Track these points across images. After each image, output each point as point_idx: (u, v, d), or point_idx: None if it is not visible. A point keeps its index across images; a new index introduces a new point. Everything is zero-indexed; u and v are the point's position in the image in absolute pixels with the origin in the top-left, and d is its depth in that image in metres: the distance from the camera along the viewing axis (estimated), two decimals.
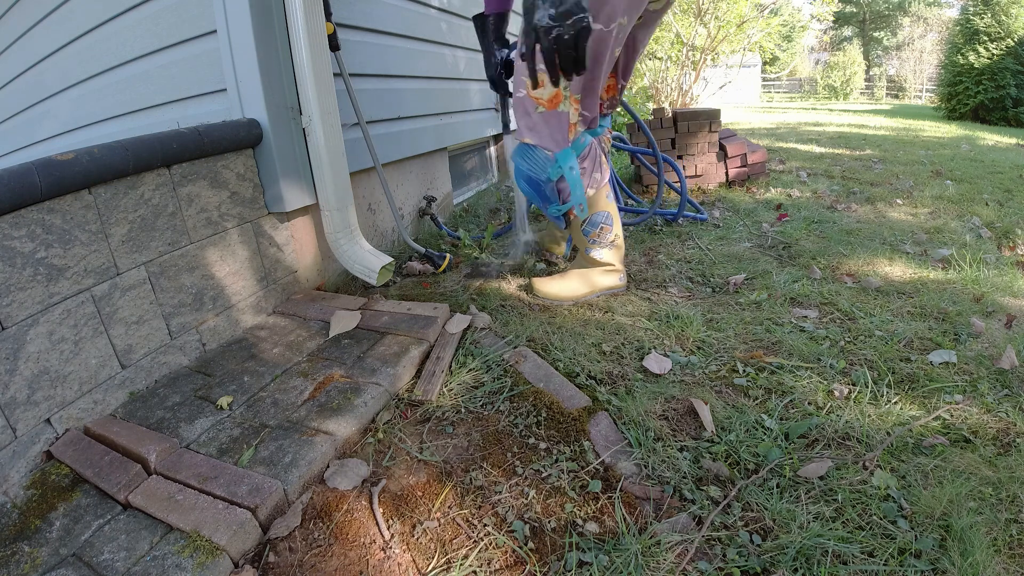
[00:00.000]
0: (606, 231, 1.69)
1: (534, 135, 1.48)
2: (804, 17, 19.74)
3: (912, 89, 24.15)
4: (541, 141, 1.48)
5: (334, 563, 0.90)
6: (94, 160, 1.15)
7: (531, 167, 1.53)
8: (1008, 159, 4.43)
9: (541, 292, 1.73)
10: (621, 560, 0.88)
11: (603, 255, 1.72)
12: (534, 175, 1.53)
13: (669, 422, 1.20)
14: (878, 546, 0.89)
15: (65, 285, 1.13)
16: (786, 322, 1.60)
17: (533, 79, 1.18)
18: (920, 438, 1.12)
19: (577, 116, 1.48)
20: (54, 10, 2.11)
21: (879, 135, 6.13)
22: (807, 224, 2.49)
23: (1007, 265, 1.99)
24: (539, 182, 1.54)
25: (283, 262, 1.70)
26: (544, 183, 1.54)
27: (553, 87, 1.39)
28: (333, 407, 1.19)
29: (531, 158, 1.52)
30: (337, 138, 1.65)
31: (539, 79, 1.38)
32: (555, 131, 1.47)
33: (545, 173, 1.52)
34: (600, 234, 1.69)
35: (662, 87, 8.21)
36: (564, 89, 1.42)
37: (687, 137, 3.14)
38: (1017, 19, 10.17)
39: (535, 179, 1.54)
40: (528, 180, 1.56)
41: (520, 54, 1.17)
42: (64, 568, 0.85)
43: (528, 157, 1.53)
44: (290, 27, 1.49)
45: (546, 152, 1.50)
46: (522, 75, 1.44)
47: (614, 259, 1.74)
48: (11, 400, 1.04)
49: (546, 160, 1.50)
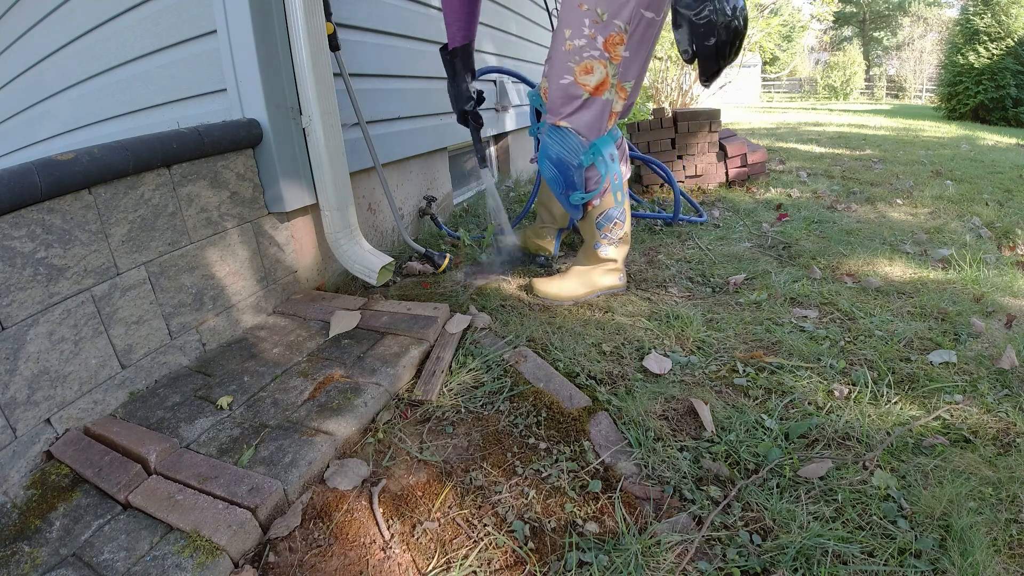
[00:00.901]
0: (618, 227, 1.69)
1: (575, 121, 1.47)
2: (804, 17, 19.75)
3: (912, 89, 24.16)
4: (581, 127, 1.47)
5: (334, 563, 0.90)
6: (94, 160, 1.15)
7: (563, 150, 1.50)
8: (1008, 159, 4.43)
9: (541, 292, 1.73)
10: (621, 560, 0.88)
11: (609, 252, 1.72)
12: (565, 158, 1.51)
13: (669, 422, 1.20)
14: (878, 546, 0.89)
15: (65, 285, 1.13)
16: (786, 322, 1.60)
17: (710, 75, 1.30)
18: (920, 438, 1.12)
19: (621, 105, 1.49)
20: (54, 10, 2.11)
21: (879, 135, 6.13)
22: (807, 224, 2.49)
23: (1007, 265, 1.99)
24: (570, 166, 1.52)
25: (283, 262, 1.70)
26: (575, 168, 1.52)
27: (602, 73, 1.41)
28: (333, 407, 1.19)
29: (564, 141, 1.50)
30: (337, 138, 1.65)
31: (588, 65, 1.40)
32: (596, 118, 1.47)
33: (578, 158, 1.50)
34: (612, 229, 1.69)
35: (662, 87, 8.21)
36: (613, 76, 1.43)
37: (687, 137, 3.14)
38: (1017, 19, 10.17)
39: (566, 163, 1.52)
40: (558, 163, 1.53)
41: (687, 51, 1.28)
42: (64, 568, 0.85)
43: (561, 140, 1.50)
44: (290, 27, 1.49)
45: (580, 138, 1.49)
46: (568, 61, 1.43)
47: (618, 256, 1.74)
48: (11, 400, 1.04)
49: (579, 145, 1.49)
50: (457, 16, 1.59)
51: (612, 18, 1.36)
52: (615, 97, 1.46)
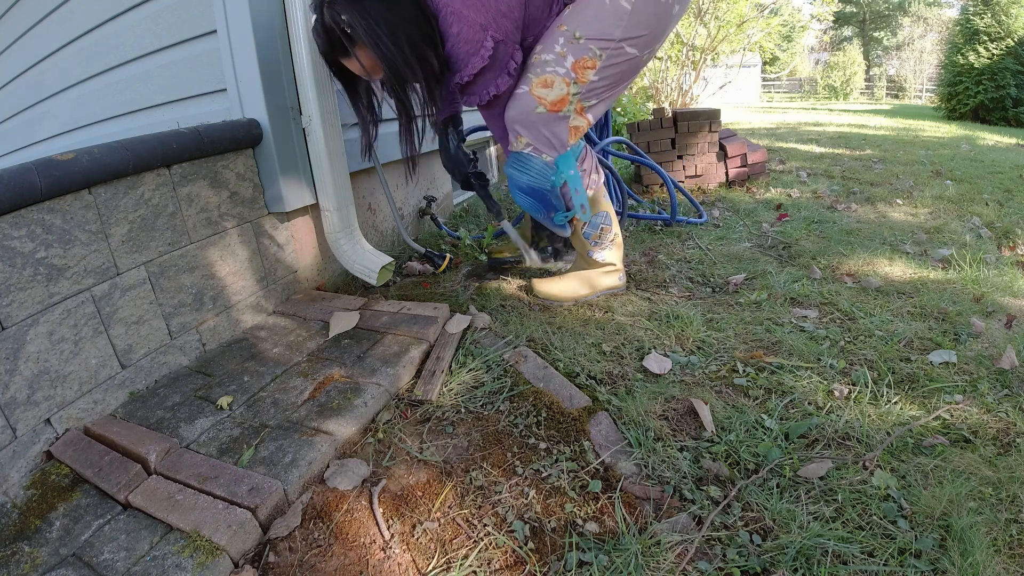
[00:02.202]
0: (606, 231, 1.68)
1: (529, 134, 1.43)
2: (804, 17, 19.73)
3: (912, 89, 24.15)
4: (540, 144, 1.44)
5: (334, 563, 0.90)
6: (94, 160, 1.15)
7: (532, 178, 1.47)
8: (1008, 159, 4.43)
9: (541, 293, 1.73)
10: (621, 560, 0.88)
11: (605, 256, 1.72)
12: (537, 185, 1.48)
13: (669, 422, 1.20)
14: (878, 546, 0.89)
15: (65, 285, 1.13)
16: (786, 322, 1.60)
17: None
18: (920, 438, 1.12)
19: (583, 121, 1.45)
20: (54, 10, 2.12)
21: (879, 135, 6.13)
22: (807, 224, 2.49)
23: (1007, 265, 1.99)
24: (544, 191, 1.49)
25: (283, 262, 1.70)
26: (549, 191, 1.49)
27: (563, 91, 1.37)
28: (333, 407, 1.19)
29: (529, 168, 1.47)
30: (337, 138, 1.65)
31: (548, 79, 1.36)
32: (554, 135, 1.43)
33: (548, 181, 1.47)
34: (601, 235, 1.68)
35: (662, 87, 8.20)
36: (573, 96, 1.39)
37: (687, 137, 3.14)
38: (1017, 19, 10.17)
39: (539, 189, 1.49)
40: (530, 192, 1.50)
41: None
42: (64, 568, 0.85)
43: (526, 168, 1.47)
44: (290, 27, 1.49)
45: (542, 159, 1.45)
46: (529, 72, 1.39)
47: (615, 258, 1.74)
48: (11, 400, 1.04)
49: (545, 167, 1.46)
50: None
51: (590, 43, 1.32)
52: (573, 114, 1.42)
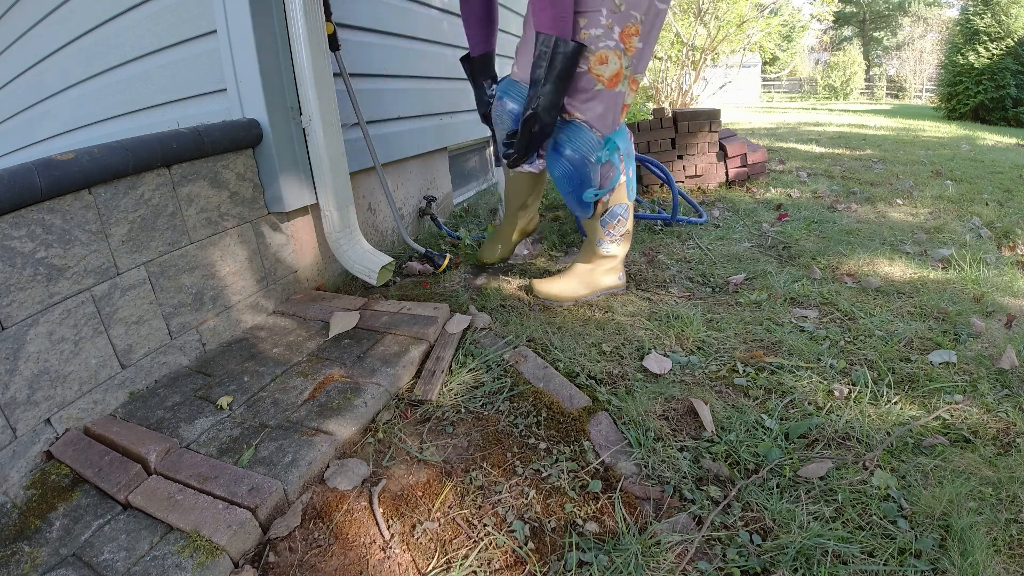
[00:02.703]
0: (621, 223, 1.68)
1: (588, 113, 1.43)
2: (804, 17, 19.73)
3: (912, 89, 24.14)
4: (595, 121, 1.44)
5: (334, 563, 0.90)
6: (94, 160, 1.15)
7: (578, 147, 1.46)
8: (1008, 159, 4.43)
9: (541, 293, 1.73)
10: (621, 560, 0.88)
11: (611, 248, 1.72)
12: (581, 155, 1.47)
13: (669, 422, 1.20)
14: (878, 546, 0.89)
15: (65, 285, 1.13)
16: (786, 322, 1.60)
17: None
18: (920, 438, 1.12)
19: (632, 98, 1.46)
20: (54, 10, 2.11)
21: (879, 135, 6.13)
22: (807, 224, 2.49)
23: (1007, 265, 1.99)
24: (586, 163, 1.48)
25: (283, 262, 1.70)
26: (592, 165, 1.49)
27: (617, 65, 1.38)
28: (333, 407, 1.19)
29: (578, 138, 1.46)
30: (337, 138, 1.65)
31: (603, 55, 1.37)
32: (610, 111, 1.44)
33: (595, 154, 1.47)
34: (616, 226, 1.68)
35: (662, 87, 8.21)
36: (626, 68, 1.40)
37: (687, 137, 3.14)
38: (1017, 19, 10.17)
39: (582, 159, 1.47)
40: (572, 160, 1.48)
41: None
42: (64, 568, 0.85)
43: (575, 138, 1.46)
44: (290, 27, 1.49)
45: (594, 133, 1.45)
46: (586, 52, 1.39)
47: (620, 252, 1.74)
48: (11, 400, 1.04)
49: (595, 141, 1.46)
50: (473, 31, 1.71)
51: (630, 8, 1.35)
52: (627, 89, 1.43)
